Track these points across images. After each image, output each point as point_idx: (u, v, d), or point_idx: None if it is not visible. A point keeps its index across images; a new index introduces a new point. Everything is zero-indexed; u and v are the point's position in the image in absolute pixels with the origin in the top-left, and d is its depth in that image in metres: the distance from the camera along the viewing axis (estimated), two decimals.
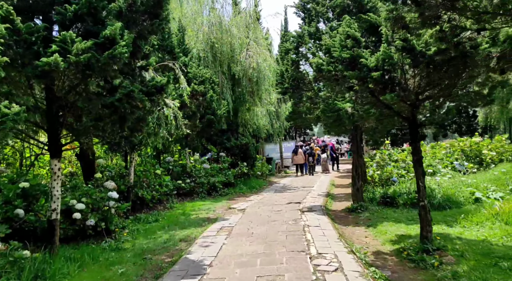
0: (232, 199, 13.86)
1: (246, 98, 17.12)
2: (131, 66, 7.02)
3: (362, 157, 10.77)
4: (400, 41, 5.41)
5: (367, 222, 9.15)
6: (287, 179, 21.06)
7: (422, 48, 5.34)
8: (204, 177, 14.65)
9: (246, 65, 16.59)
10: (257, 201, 12.92)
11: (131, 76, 7.08)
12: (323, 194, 14.31)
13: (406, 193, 10.70)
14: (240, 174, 17.09)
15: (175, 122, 9.47)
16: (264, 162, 21.28)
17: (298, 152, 22.11)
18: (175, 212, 11.22)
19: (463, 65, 5.15)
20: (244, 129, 19.20)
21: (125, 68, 6.83)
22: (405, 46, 5.40)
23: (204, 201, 13.42)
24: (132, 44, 6.29)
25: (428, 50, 5.24)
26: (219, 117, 14.66)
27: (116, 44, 5.60)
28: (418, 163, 6.58)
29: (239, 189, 15.82)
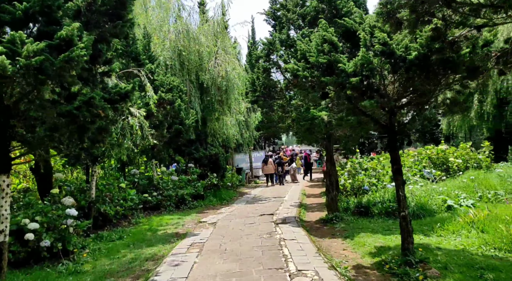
0: (202, 212, 13.29)
1: (215, 107, 16.68)
2: (92, 72, 6.46)
3: (335, 166, 10.57)
4: (379, 45, 5.19)
5: (343, 234, 8.88)
6: (257, 189, 20.67)
7: (402, 52, 5.14)
8: (172, 190, 14.01)
9: (214, 74, 16.18)
10: (228, 213, 12.42)
11: (91, 82, 6.51)
12: (295, 204, 14.01)
13: (380, 202, 10.57)
14: (210, 185, 16.54)
15: (141, 132, 8.89)
16: (234, 173, 20.82)
17: (268, 162, 21.81)
18: (141, 228, 10.54)
19: (444, 70, 4.98)
20: (213, 139, 18.69)
21: (84, 74, 6.27)
22: (384, 50, 5.19)
23: (172, 215, 12.78)
24: (92, 47, 5.75)
25: (409, 55, 5.04)
26: (187, 126, 14.13)
27: (73, 46, 5.05)
28: (398, 173, 6.37)
29: (209, 201, 15.26)
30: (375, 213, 10.20)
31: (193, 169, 15.70)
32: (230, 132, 20.69)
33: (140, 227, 10.66)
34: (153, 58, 11.40)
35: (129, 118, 8.73)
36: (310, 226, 10.19)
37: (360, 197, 11.99)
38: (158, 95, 9.74)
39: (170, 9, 16.51)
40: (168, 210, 13.44)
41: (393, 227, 8.91)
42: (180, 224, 11.01)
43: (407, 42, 5.09)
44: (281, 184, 23.00)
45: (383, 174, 15.54)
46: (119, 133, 8.61)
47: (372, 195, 11.92)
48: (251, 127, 23.70)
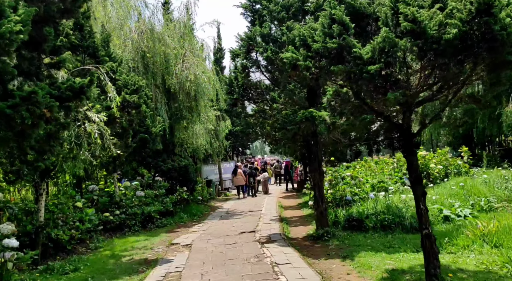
0: (173, 231, 11.79)
1: (184, 115, 15.28)
2: (35, 62, 5.01)
3: (323, 175, 9.52)
4: (406, 23, 4.15)
5: (340, 253, 7.76)
6: (229, 202, 19.30)
7: (435, 31, 4.12)
8: (137, 207, 12.41)
9: (182, 78, 14.82)
10: (203, 232, 11.01)
11: (35, 75, 5.06)
12: (275, 218, 12.81)
13: (373, 214, 9.58)
14: (179, 200, 15.02)
15: (101, 141, 7.41)
16: (204, 185, 19.36)
17: (238, 173, 20.54)
18: (102, 255, 8.94)
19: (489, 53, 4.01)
20: (181, 150, 17.21)
21: (25, 64, 4.82)
22: (413, 29, 4.15)
23: (138, 236, 11.19)
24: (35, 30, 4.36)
25: (445, 34, 4.03)
26: (154, 136, 12.65)
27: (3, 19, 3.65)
28: (417, 182, 5.35)
29: (179, 218, 13.75)
30: (370, 227, 9.18)
31: (161, 183, 14.15)
32: (199, 141, 19.31)
33: (101, 254, 9.05)
34: (114, 58, 9.96)
35: (86, 124, 7.24)
36: (299, 244, 9.01)
37: (347, 209, 10.98)
38: (121, 97, 8.33)
39: (131, 7, 15.03)
40: (133, 231, 11.84)
41: (394, 243, 7.92)
42: (149, 248, 9.50)
43: (441, 18, 4.08)
44: (254, 196, 21.76)
45: (363, 183, 14.75)
46: (73, 142, 7.10)
47: (361, 206, 10.95)
48: (221, 136, 22.38)
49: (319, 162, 9.41)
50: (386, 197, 13.32)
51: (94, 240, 10.21)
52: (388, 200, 10.26)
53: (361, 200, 13.52)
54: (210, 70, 16.42)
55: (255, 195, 21.76)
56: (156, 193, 13.53)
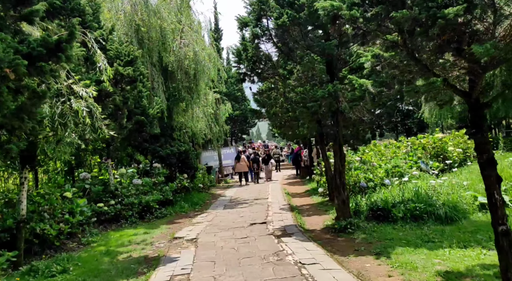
0: (174, 222, 10.72)
1: (183, 95, 14.07)
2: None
3: (345, 159, 8.43)
4: None
5: (370, 248, 6.71)
6: (231, 190, 18.24)
7: None
8: (134, 196, 11.29)
9: (181, 55, 13.58)
10: (208, 223, 9.94)
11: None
12: (285, 207, 11.77)
13: (400, 202, 8.52)
14: (180, 188, 13.92)
15: (91, 121, 6.23)
16: (205, 172, 18.26)
17: (241, 159, 19.46)
18: (95, 251, 7.84)
19: None
20: (180, 134, 16.04)
21: None
22: None
23: (136, 228, 10.11)
24: None
25: None
26: (151, 118, 11.47)
27: None
28: (490, 165, 4.24)
29: (180, 208, 12.67)
30: (398, 218, 8.13)
31: (159, 170, 13.01)
32: (199, 126, 18.15)
33: (94, 250, 7.95)
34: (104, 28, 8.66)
35: (72, 100, 6.05)
36: (319, 237, 7.96)
37: (367, 196, 9.93)
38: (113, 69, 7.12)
39: None
40: (131, 222, 10.75)
41: (433, 237, 6.86)
42: (149, 242, 8.41)
43: None
44: (256, 182, 20.74)
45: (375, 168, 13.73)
46: (57, 121, 5.92)
47: (381, 193, 9.91)
48: (221, 121, 21.22)
49: (340, 144, 8.30)
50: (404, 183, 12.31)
51: (87, 234, 9.13)
52: (416, 186, 9.20)
53: (376, 186, 12.57)
54: (212, 47, 15.12)
55: (258, 182, 20.76)
56: (155, 180, 12.41)
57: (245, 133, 34.98)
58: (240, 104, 30.83)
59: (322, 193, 13.74)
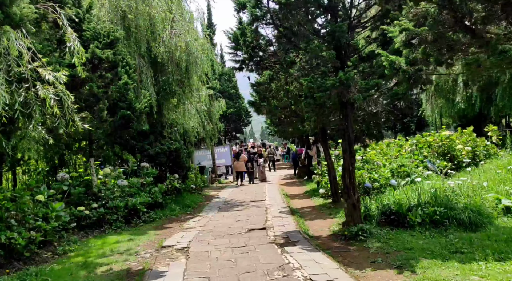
0: (163, 227, 9.72)
1: (173, 89, 13.05)
2: None
3: (355, 158, 7.50)
4: None
5: (389, 260, 5.79)
6: (226, 191, 17.26)
7: None
8: (119, 199, 10.26)
9: (171, 46, 12.55)
10: (201, 229, 8.96)
11: None
12: (285, 210, 10.82)
13: (416, 205, 7.61)
14: (170, 190, 12.91)
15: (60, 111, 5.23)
16: (198, 172, 17.25)
17: (241, 158, 18.52)
18: (72, 262, 6.83)
19: None
20: (171, 132, 15.03)
21: None
22: None
23: (120, 234, 9.10)
24: None
25: None
26: (138, 113, 10.46)
27: None
28: None
29: (170, 211, 11.65)
30: (415, 223, 7.21)
31: (148, 170, 11.98)
32: (191, 123, 17.16)
33: (70, 261, 6.93)
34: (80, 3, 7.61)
35: (38, 87, 5.04)
36: (327, 245, 7.02)
37: (378, 198, 9.01)
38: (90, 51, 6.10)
39: None
40: (115, 227, 9.72)
41: (461, 247, 5.95)
42: (133, 252, 7.41)
43: None
44: (251, 182, 19.80)
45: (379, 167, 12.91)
46: (18, 110, 4.92)
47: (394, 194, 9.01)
48: (215, 118, 20.23)
49: (350, 141, 7.37)
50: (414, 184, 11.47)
51: (64, 242, 8.09)
52: (433, 187, 8.30)
53: (381, 187, 11.74)
54: (206, 38, 14.12)
55: (253, 182, 19.83)
56: (143, 181, 11.38)
57: (239, 132, 34.00)
58: (234, 101, 29.85)
59: (323, 194, 12.82)
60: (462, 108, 19.93)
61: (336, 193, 11.24)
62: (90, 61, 6.22)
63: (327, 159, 11.31)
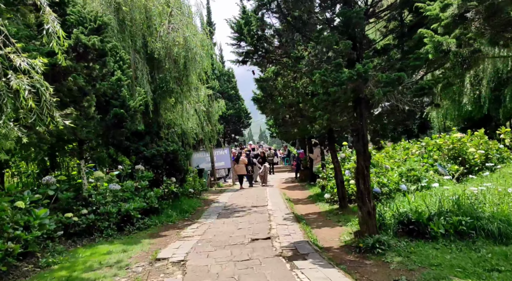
0: (158, 236, 8.96)
1: (171, 87, 12.32)
2: None
3: (370, 160, 6.77)
4: None
5: (413, 278, 5.04)
6: (225, 195, 16.50)
7: None
8: (111, 204, 9.51)
9: (169, 41, 11.84)
10: (200, 238, 8.21)
11: None
12: (289, 217, 10.08)
13: (438, 214, 6.87)
14: (167, 194, 12.15)
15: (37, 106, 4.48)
16: (196, 175, 16.48)
17: (240, 160, 17.77)
18: (53, 278, 6.06)
19: None
20: (168, 133, 14.29)
21: None
22: None
23: (112, 243, 8.34)
24: None
25: None
26: (132, 111, 9.72)
27: None
28: None
29: (167, 217, 10.89)
30: (438, 234, 6.47)
31: (143, 173, 11.22)
32: (189, 124, 16.43)
33: (52, 276, 6.17)
34: None
35: (10, 76, 4.31)
36: (340, 259, 6.27)
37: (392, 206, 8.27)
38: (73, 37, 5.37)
39: None
40: (106, 235, 8.96)
41: (497, 264, 5.21)
42: (124, 265, 6.64)
43: None
44: (250, 186, 19.06)
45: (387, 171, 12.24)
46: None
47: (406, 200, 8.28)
48: (214, 119, 19.49)
49: (364, 142, 6.65)
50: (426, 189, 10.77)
51: (48, 253, 7.33)
52: (454, 193, 7.57)
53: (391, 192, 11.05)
54: (205, 32, 13.40)
55: (252, 185, 19.11)
56: (137, 185, 10.62)
57: (239, 134, 33.25)
58: (233, 103, 29.10)
59: (329, 199, 12.09)
60: (469, 110, 19.24)
61: (344, 198, 10.51)
62: (74, 49, 5.50)
63: (334, 162, 10.58)
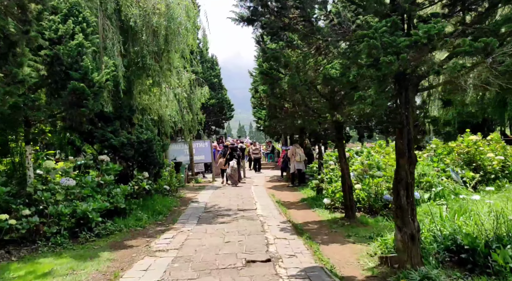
0: (122, 247, 6.98)
1: (148, 64, 10.25)
2: None
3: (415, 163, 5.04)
4: None
5: None
6: (205, 193, 14.56)
7: None
8: (64, 204, 7.47)
9: (148, 8, 9.81)
10: (176, 254, 6.28)
11: None
12: (287, 227, 8.28)
13: (497, 238, 5.20)
14: (137, 192, 10.13)
15: None
16: (173, 170, 14.45)
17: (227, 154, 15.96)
18: None
19: None
20: (143, 119, 12.25)
21: None
22: None
23: (59, 256, 6.33)
24: None
25: None
26: (97, 87, 7.66)
27: None
28: None
29: (136, 221, 8.88)
30: (507, 269, 4.76)
31: (108, 165, 9.17)
32: (167, 111, 14.41)
33: None
34: None
35: None
36: None
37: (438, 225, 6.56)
38: None
39: None
40: (54, 244, 6.93)
41: None
42: None
43: None
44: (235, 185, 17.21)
45: None
46: None
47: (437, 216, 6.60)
48: (195, 107, 17.47)
49: (409, 138, 4.93)
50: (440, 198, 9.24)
51: None
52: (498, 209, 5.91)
53: None
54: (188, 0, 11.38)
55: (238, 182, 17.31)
56: (99, 181, 8.57)
57: (220, 126, 31.23)
58: (216, 92, 27.03)
59: (329, 205, 10.35)
60: (472, 111, 17.96)
61: (352, 207, 8.78)
62: None
63: (342, 163, 8.85)
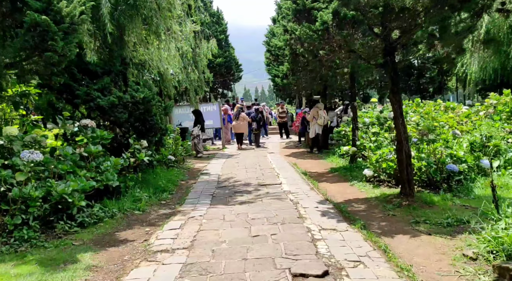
0: (111, 244, 5.10)
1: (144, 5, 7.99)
2: None
3: None
4: None
5: None
6: (216, 162, 12.65)
7: None
8: (34, 184, 5.54)
9: None
10: (186, 258, 4.37)
11: None
12: (328, 210, 6.35)
13: None
14: (133, 165, 8.18)
15: None
16: (178, 137, 12.44)
17: (241, 117, 14.08)
18: None
19: None
20: (140, 75, 10.13)
21: None
22: None
23: (21, 260, 4.46)
24: None
25: None
26: (68, 24, 5.53)
27: None
28: None
29: (132, 202, 6.98)
30: None
31: (94, 132, 7.14)
32: (170, 68, 12.25)
33: None
34: None
35: None
36: None
37: None
38: None
39: None
40: (19, 240, 5.06)
41: None
42: None
43: None
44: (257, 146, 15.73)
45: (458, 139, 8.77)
46: None
47: None
48: (202, 64, 15.22)
49: None
50: None
51: None
52: None
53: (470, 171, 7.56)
54: None
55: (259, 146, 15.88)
56: (81, 152, 6.59)
57: (227, 89, 28.94)
58: (223, 50, 24.55)
59: (371, 178, 8.39)
60: None
61: (410, 181, 6.77)
62: None
63: (398, 124, 6.76)
